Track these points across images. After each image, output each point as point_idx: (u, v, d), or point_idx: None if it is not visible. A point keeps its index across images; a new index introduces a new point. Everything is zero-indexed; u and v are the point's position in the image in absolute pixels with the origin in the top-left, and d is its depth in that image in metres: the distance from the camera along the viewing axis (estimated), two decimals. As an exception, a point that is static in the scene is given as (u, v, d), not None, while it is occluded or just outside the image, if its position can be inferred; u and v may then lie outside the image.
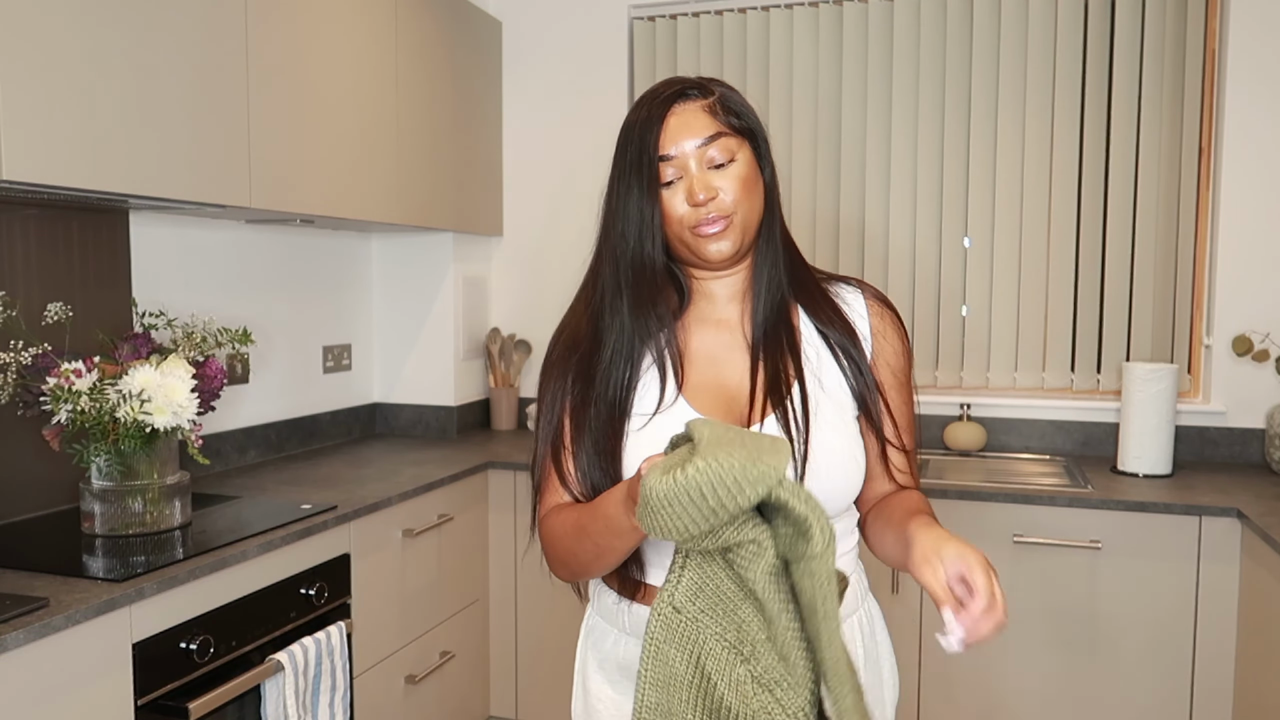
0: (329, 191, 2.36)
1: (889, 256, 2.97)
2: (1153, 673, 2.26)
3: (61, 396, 1.72)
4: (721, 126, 1.11)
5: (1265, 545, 2.00)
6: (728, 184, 1.10)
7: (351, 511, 2.10)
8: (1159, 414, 2.49)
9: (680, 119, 1.11)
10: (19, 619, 1.38)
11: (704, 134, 1.10)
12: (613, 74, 3.18)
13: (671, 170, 1.11)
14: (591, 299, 1.18)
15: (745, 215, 1.12)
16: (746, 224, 1.12)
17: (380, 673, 2.25)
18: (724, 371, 1.16)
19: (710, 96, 1.13)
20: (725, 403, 1.14)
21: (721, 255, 1.12)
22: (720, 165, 1.10)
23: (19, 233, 1.96)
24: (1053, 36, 2.80)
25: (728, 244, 1.11)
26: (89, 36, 1.70)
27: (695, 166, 1.10)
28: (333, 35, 2.37)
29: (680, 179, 1.11)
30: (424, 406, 3.17)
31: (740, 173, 1.11)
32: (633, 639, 1.17)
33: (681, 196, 1.11)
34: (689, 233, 1.11)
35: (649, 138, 1.11)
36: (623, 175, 1.13)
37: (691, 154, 1.10)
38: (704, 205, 1.09)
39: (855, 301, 1.21)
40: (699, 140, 1.10)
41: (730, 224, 1.11)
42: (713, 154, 1.10)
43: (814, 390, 1.14)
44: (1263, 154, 2.63)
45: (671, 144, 1.10)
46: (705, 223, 1.10)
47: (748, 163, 1.12)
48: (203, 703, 1.63)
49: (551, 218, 3.26)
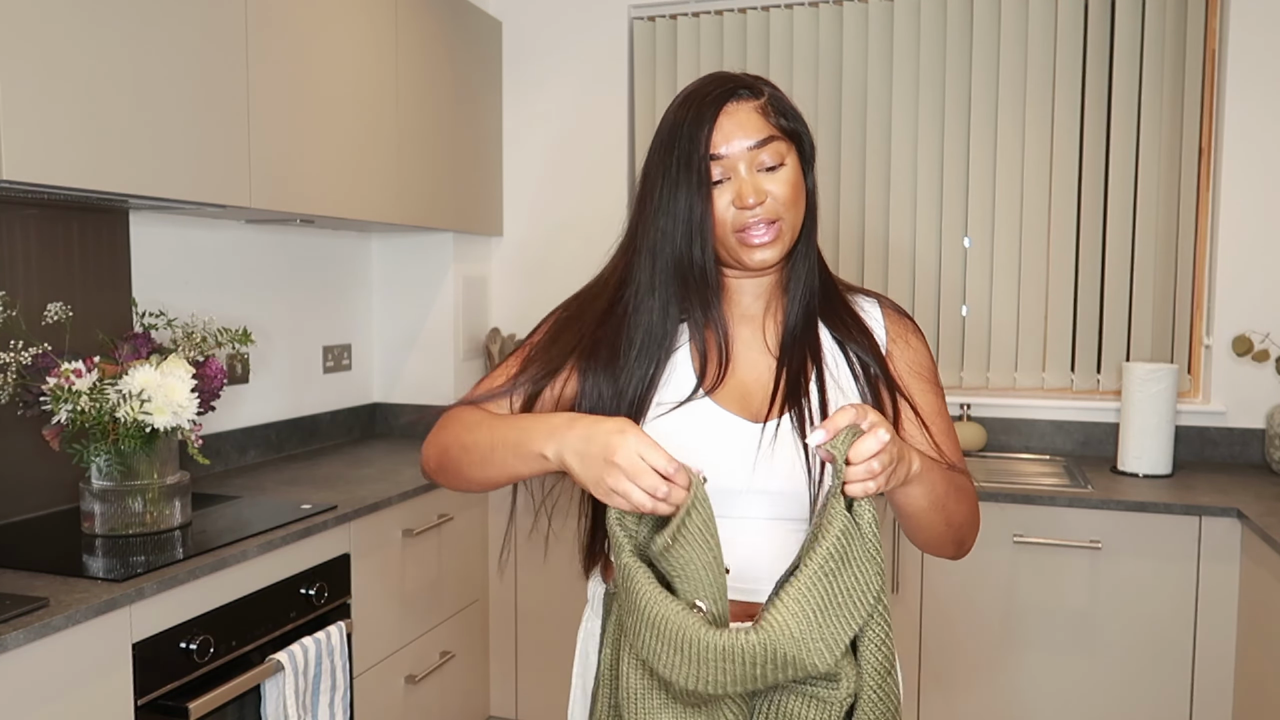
0: (329, 191, 2.36)
1: (889, 256, 2.97)
2: (1153, 673, 2.26)
3: (61, 396, 1.72)
4: (773, 129, 1.09)
5: (1265, 545, 2.00)
6: (778, 188, 1.09)
7: (351, 511, 2.10)
8: (1159, 414, 2.49)
9: (733, 119, 1.08)
10: (19, 619, 1.38)
11: (757, 136, 1.08)
12: (613, 74, 3.18)
13: (719, 170, 1.08)
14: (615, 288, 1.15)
15: (792, 222, 1.11)
16: (793, 230, 1.12)
17: (380, 673, 2.25)
18: (743, 369, 1.16)
19: (761, 97, 1.11)
20: (742, 397, 1.14)
21: (765, 264, 1.11)
22: (771, 169, 1.09)
23: (19, 233, 1.96)
24: (1053, 37, 2.80)
25: (773, 253, 1.10)
26: (89, 37, 1.70)
27: (745, 169, 1.08)
28: (333, 35, 2.37)
29: (728, 180, 1.09)
30: (424, 406, 3.17)
31: (790, 178, 1.09)
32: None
33: (729, 198, 1.08)
34: (733, 236, 1.09)
35: (699, 135, 1.08)
36: (668, 171, 1.09)
37: (742, 156, 1.08)
38: (752, 209, 1.08)
39: (872, 311, 1.21)
40: (751, 142, 1.08)
41: (778, 231, 1.09)
42: (764, 157, 1.08)
43: (832, 391, 1.14)
44: (1263, 154, 2.63)
45: (724, 143, 1.08)
46: (752, 227, 1.09)
47: (796, 168, 1.11)
48: (203, 702, 1.63)
49: (551, 218, 3.26)
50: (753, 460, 1.11)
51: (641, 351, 1.12)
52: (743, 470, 1.10)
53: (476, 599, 2.73)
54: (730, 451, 1.11)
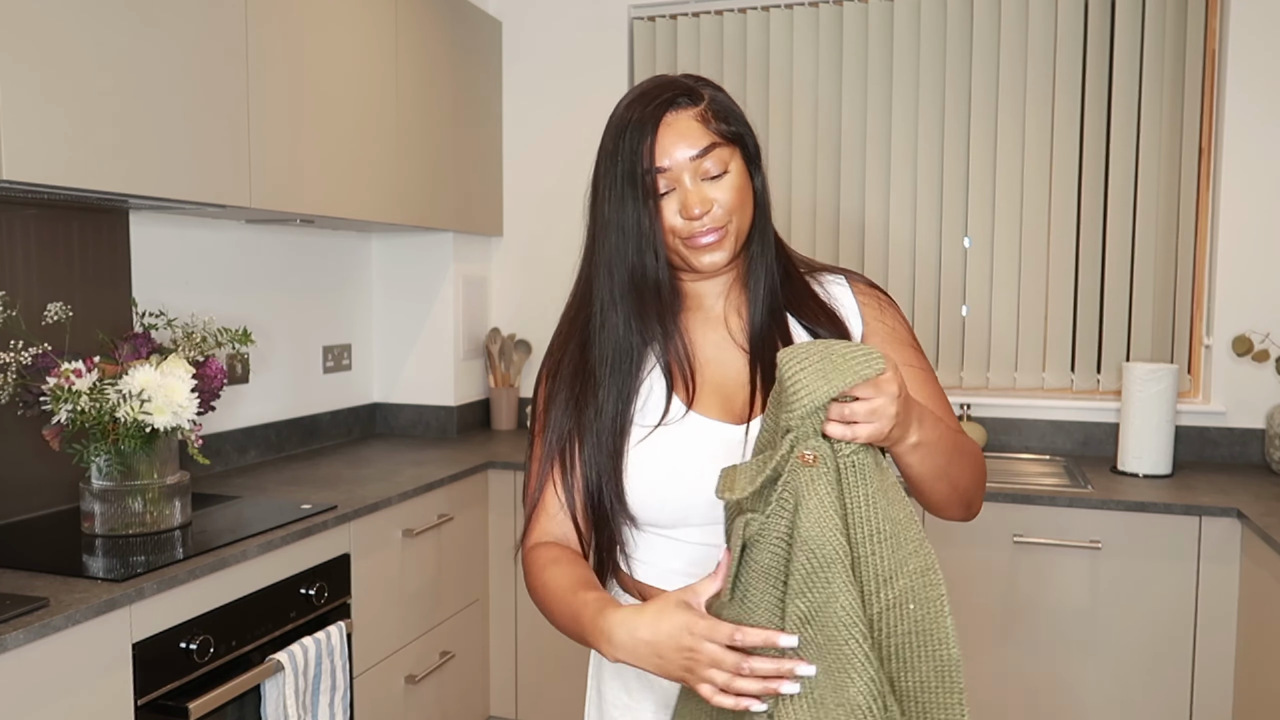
0: (329, 191, 2.36)
1: (889, 256, 2.97)
2: (1153, 673, 2.26)
3: (61, 396, 1.72)
4: (714, 137, 1.10)
5: (1265, 545, 2.00)
6: (722, 195, 1.09)
7: (351, 511, 2.10)
8: (1159, 414, 2.49)
9: (673, 130, 1.09)
10: (19, 619, 1.38)
11: (698, 146, 1.08)
12: (613, 74, 3.18)
13: (664, 181, 1.09)
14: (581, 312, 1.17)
15: (740, 224, 1.11)
16: (740, 232, 1.12)
17: (380, 673, 2.25)
18: (720, 371, 1.16)
19: (700, 103, 1.11)
20: (724, 401, 1.14)
21: (716, 266, 1.11)
22: (715, 177, 1.09)
23: (19, 233, 1.96)
24: (1053, 36, 2.80)
25: (722, 254, 1.11)
26: (89, 37, 1.70)
27: (689, 180, 1.08)
28: (332, 35, 2.37)
29: (673, 190, 1.09)
30: (424, 406, 3.17)
31: (734, 183, 1.10)
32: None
33: (675, 208, 1.09)
34: (682, 244, 1.11)
35: (641, 148, 1.08)
36: (614, 184, 1.10)
37: (685, 166, 1.08)
38: (699, 219, 1.08)
39: (842, 294, 1.20)
40: (693, 152, 1.08)
41: (725, 234, 1.10)
42: (707, 166, 1.09)
43: None
44: (1263, 154, 2.63)
45: (665, 156, 1.08)
46: (699, 234, 1.09)
47: (740, 172, 1.11)
48: (203, 702, 1.63)
49: (551, 218, 3.26)
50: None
51: (614, 368, 1.13)
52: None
53: (476, 599, 2.73)
54: (719, 458, 1.10)
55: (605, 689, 1.21)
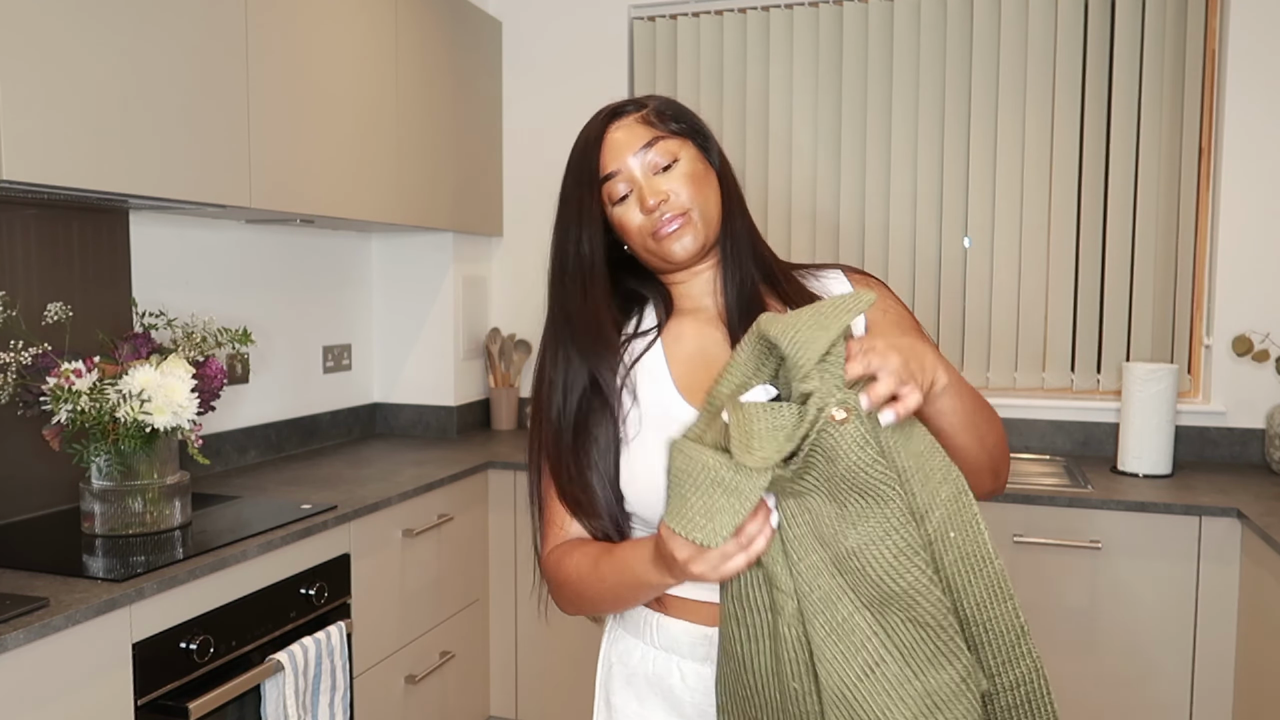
0: (329, 191, 2.36)
1: (889, 256, 2.97)
2: (1153, 673, 2.26)
3: (61, 396, 1.72)
4: (658, 132, 1.13)
5: (1265, 545, 2.00)
6: (676, 184, 1.11)
7: (351, 511, 2.10)
8: (1159, 414, 2.49)
9: (618, 134, 1.13)
10: (19, 619, 1.38)
11: (641, 142, 1.11)
12: (613, 74, 3.18)
13: (622, 185, 1.12)
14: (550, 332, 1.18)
15: (703, 209, 1.12)
16: (706, 218, 1.13)
17: (380, 673, 2.25)
18: (714, 367, 1.14)
19: (643, 109, 1.15)
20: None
21: (687, 252, 1.12)
22: (666, 168, 1.11)
23: (19, 233, 1.96)
24: (1053, 36, 2.80)
25: (690, 239, 1.11)
26: (89, 36, 1.70)
27: (641, 175, 1.11)
28: (333, 35, 2.37)
29: (631, 193, 1.12)
30: (424, 406, 3.17)
31: (685, 170, 1.12)
32: (660, 653, 1.14)
33: (635, 208, 1.12)
34: (651, 240, 1.12)
35: (592, 159, 1.13)
36: (566, 203, 1.15)
37: (635, 165, 1.11)
38: (656, 210, 1.10)
39: (838, 284, 1.19)
40: (637, 147, 1.11)
41: (688, 219, 1.11)
42: (654, 158, 1.11)
43: None
44: (1263, 154, 2.63)
45: (614, 160, 1.12)
46: (662, 225, 1.11)
47: (692, 159, 1.13)
48: (203, 702, 1.63)
49: (551, 218, 3.24)
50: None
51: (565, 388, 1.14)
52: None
53: (476, 599, 2.73)
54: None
55: (615, 699, 1.20)
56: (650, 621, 1.15)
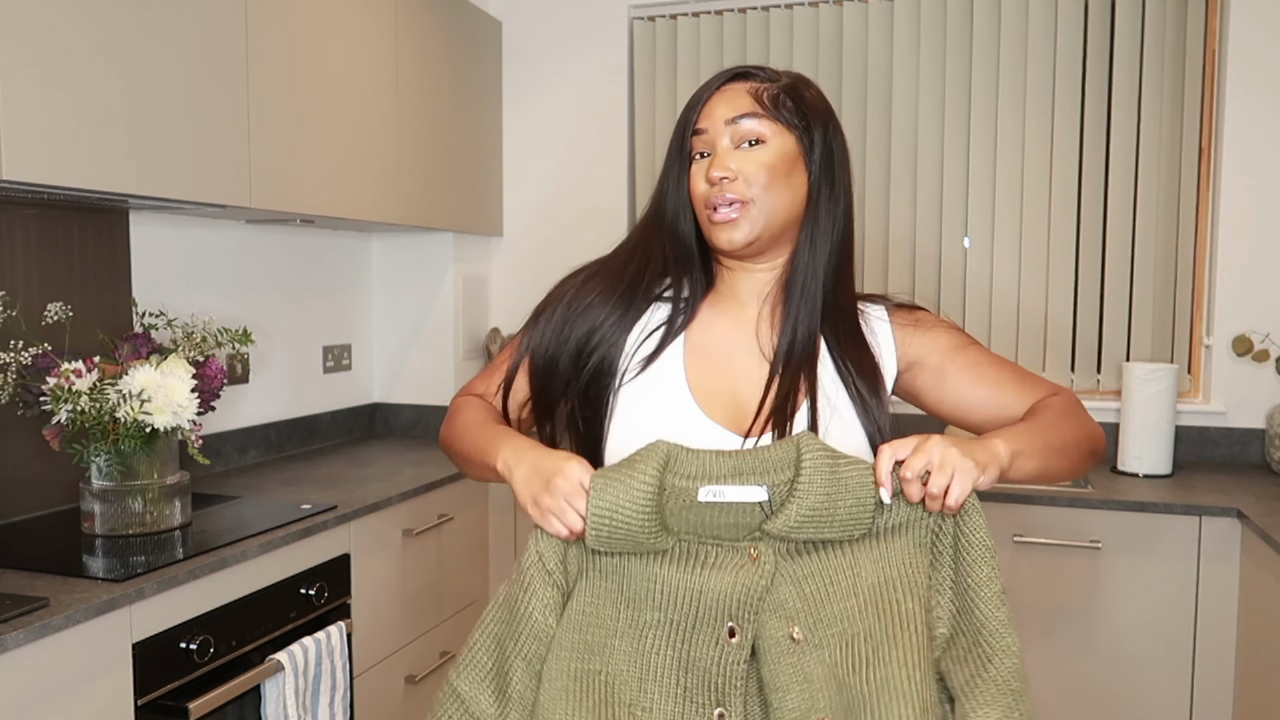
0: (329, 191, 2.36)
1: (889, 257, 2.97)
2: (1153, 673, 2.26)
3: (61, 396, 1.72)
4: (760, 110, 1.06)
5: (1265, 545, 2.00)
6: (750, 168, 1.04)
7: (351, 511, 2.10)
8: (1159, 414, 2.49)
9: (723, 97, 1.08)
10: (19, 619, 1.38)
11: (737, 112, 1.05)
12: (613, 74, 3.18)
13: (703, 145, 1.08)
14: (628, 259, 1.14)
15: (767, 207, 1.05)
16: (769, 217, 1.05)
17: (380, 673, 2.25)
18: (734, 374, 1.10)
19: (770, 83, 1.09)
20: (732, 408, 1.09)
21: (732, 244, 1.06)
22: (751, 145, 1.05)
23: (19, 233, 1.96)
24: (1053, 36, 2.80)
25: (739, 233, 1.05)
26: (90, 36, 1.70)
27: (724, 143, 1.06)
28: (333, 35, 2.37)
29: (708, 156, 1.08)
30: (424, 406, 3.17)
31: (765, 158, 1.05)
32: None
33: (703, 174, 1.07)
34: (706, 212, 1.07)
35: (692, 113, 1.09)
36: (669, 153, 1.12)
37: (722, 130, 1.06)
38: (717, 184, 1.05)
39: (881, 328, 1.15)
40: (731, 116, 1.05)
41: (745, 209, 1.04)
42: (741, 133, 1.05)
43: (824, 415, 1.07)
44: (1263, 154, 2.63)
45: (706, 119, 1.07)
46: (716, 202, 1.05)
47: (781, 151, 1.05)
48: (203, 703, 1.63)
49: (551, 218, 3.26)
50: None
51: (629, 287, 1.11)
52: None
53: (476, 599, 2.73)
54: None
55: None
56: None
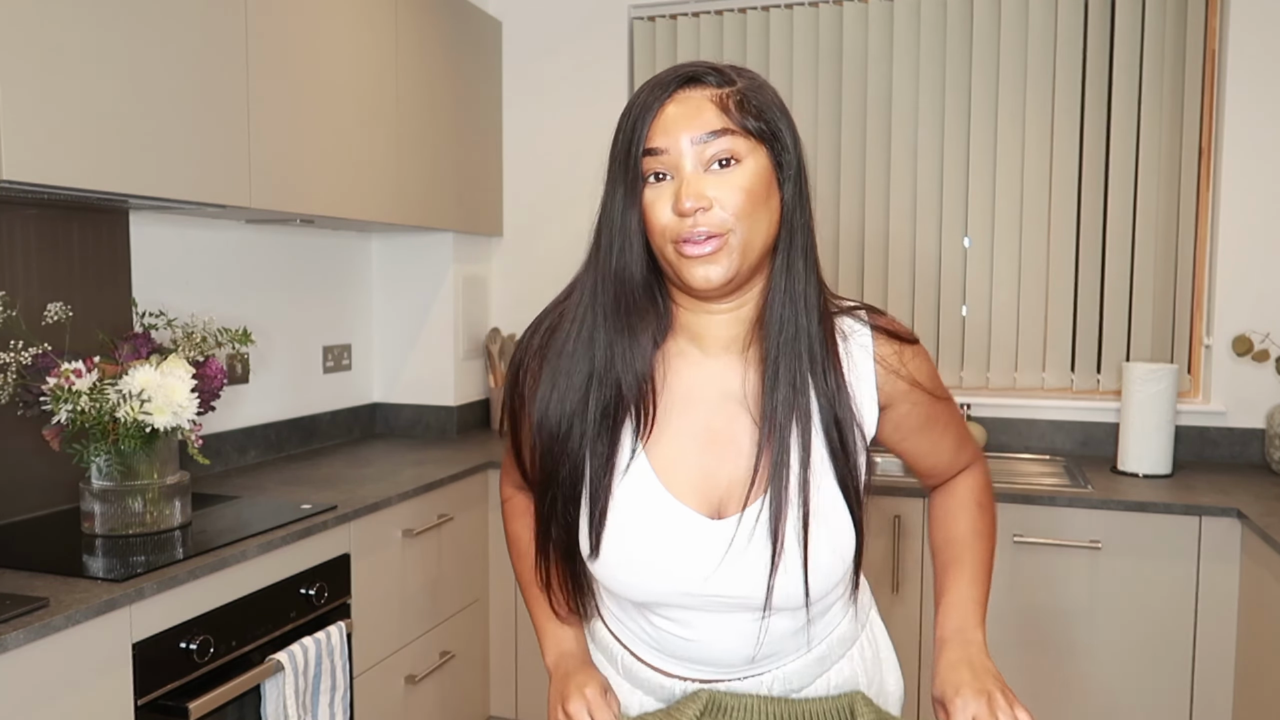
0: (329, 191, 2.36)
1: (889, 257, 2.97)
2: (1153, 673, 2.26)
3: (61, 396, 1.72)
4: (730, 124, 0.90)
5: (1265, 545, 2.00)
6: (727, 194, 0.89)
7: (351, 511, 2.10)
8: (1159, 414, 2.49)
9: (681, 107, 0.91)
10: (19, 619, 1.38)
11: (705, 129, 0.89)
12: (613, 74, 3.18)
13: (660, 166, 0.91)
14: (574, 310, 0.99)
15: (746, 237, 0.90)
16: (747, 248, 0.91)
17: (380, 673, 2.25)
18: (705, 447, 0.98)
19: (728, 86, 0.92)
20: (702, 485, 0.98)
21: (709, 284, 0.91)
22: (723, 165, 0.90)
23: (19, 233, 1.96)
24: (1053, 37, 2.80)
25: (717, 270, 0.90)
26: (90, 37, 1.70)
27: (690, 165, 0.90)
28: (333, 35, 2.37)
29: (670, 179, 0.91)
30: (424, 406, 3.17)
31: (744, 182, 0.90)
32: (627, 684, 1.11)
33: (668, 201, 0.90)
34: (671, 248, 0.91)
35: (640, 126, 0.91)
36: (610, 170, 0.94)
37: (687, 151, 0.89)
38: (690, 215, 0.89)
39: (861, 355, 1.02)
40: (697, 134, 0.89)
41: (723, 245, 0.90)
42: (712, 152, 0.89)
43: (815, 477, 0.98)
44: (1263, 154, 2.63)
45: (662, 135, 0.90)
46: (689, 238, 0.89)
47: (758, 173, 0.91)
48: (203, 702, 1.63)
49: (551, 218, 3.26)
50: (715, 563, 0.96)
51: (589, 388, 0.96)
52: (698, 574, 0.98)
53: (476, 599, 2.73)
54: (687, 552, 0.97)
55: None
56: (617, 653, 1.12)
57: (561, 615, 1.14)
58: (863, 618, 1.17)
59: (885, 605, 2.40)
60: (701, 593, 0.98)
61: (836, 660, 1.11)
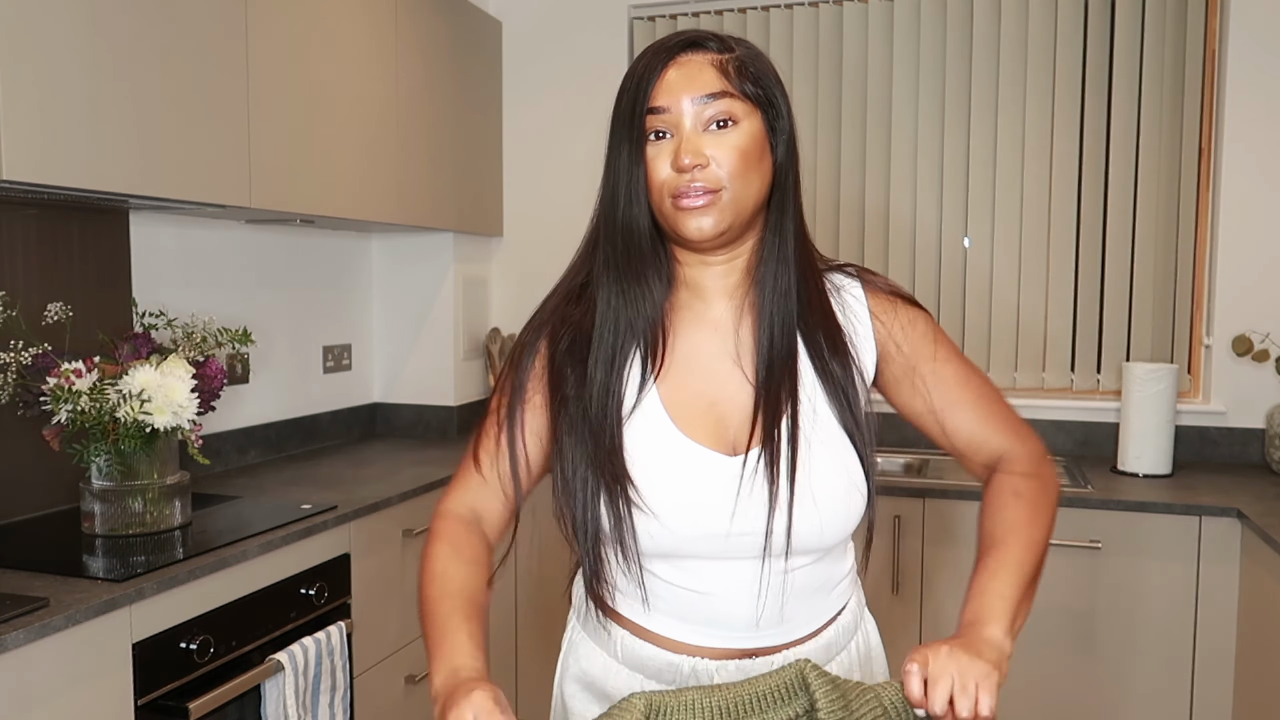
0: (329, 191, 2.36)
1: (889, 257, 2.97)
2: (1153, 673, 2.26)
3: (61, 396, 1.72)
4: (729, 87, 0.97)
5: (1265, 545, 2.00)
6: (723, 153, 0.96)
7: (351, 511, 2.10)
8: (1159, 414, 2.49)
9: (682, 70, 0.97)
10: (19, 619, 1.38)
11: (704, 90, 0.96)
12: (613, 74, 3.16)
13: (661, 125, 0.97)
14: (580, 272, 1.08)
15: (738, 195, 0.97)
16: (739, 205, 0.98)
17: (380, 673, 2.25)
18: (712, 387, 1.04)
19: (728, 53, 0.98)
20: (713, 424, 1.03)
21: (702, 234, 0.97)
22: (720, 126, 0.96)
23: (19, 233, 1.96)
24: (1053, 37, 2.80)
25: (709, 221, 0.97)
26: (89, 37, 1.70)
27: (690, 124, 0.96)
28: (333, 35, 2.37)
29: (670, 137, 0.97)
30: (424, 406, 3.17)
31: (739, 142, 0.96)
32: (624, 669, 1.08)
33: (668, 157, 0.97)
34: (669, 202, 0.98)
35: (644, 86, 0.97)
36: (615, 129, 1.00)
37: (687, 111, 0.96)
38: (688, 171, 0.95)
39: (856, 305, 1.09)
40: (697, 95, 0.96)
41: (716, 200, 0.96)
42: (711, 113, 0.96)
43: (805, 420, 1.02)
44: (1262, 155, 2.63)
45: (665, 95, 0.96)
46: (686, 191, 0.96)
47: (752, 134, 0.97)
48: (203, 703, 1.63)
49: (551, 218, 3.26)
50: (734, 500, 1.00)
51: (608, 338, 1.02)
52: (723, 512, 1.00)
53: (476, 599, 2.73)
54: (709, 491, 1.00)
55: (571, 703, 1.14)
56: (615, 636, 1.08)
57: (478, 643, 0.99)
58: (861, 610, 1.17)
59: (885, 605, 2.40)
60: (727, 533, 1.00)
61: (840, 650, 1.11)
